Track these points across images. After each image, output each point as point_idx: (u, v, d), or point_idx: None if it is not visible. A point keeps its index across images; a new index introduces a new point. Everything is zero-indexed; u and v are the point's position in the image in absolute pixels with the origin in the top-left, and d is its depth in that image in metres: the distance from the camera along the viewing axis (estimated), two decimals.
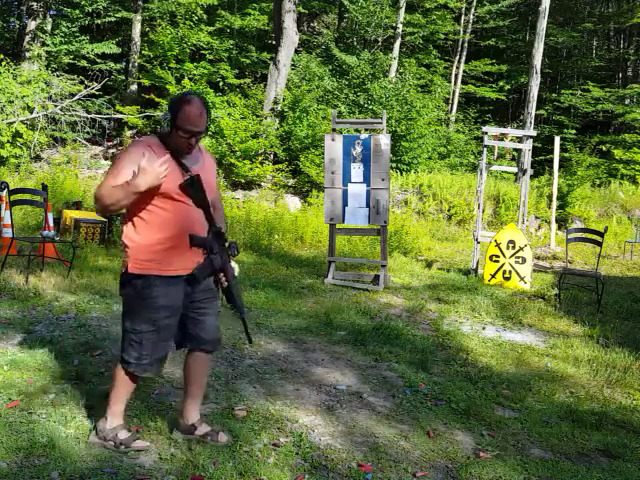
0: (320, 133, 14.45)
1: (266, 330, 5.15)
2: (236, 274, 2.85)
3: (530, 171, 8.86)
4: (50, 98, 14.39)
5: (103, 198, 2.62)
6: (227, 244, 2.83)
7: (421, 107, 16.35)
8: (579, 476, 3.03)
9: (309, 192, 14.40)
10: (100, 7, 17.15)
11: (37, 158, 15.07)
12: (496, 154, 9.08)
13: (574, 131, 21.48)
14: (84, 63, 17.27)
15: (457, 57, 22.22)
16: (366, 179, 7.28)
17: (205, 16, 17.63)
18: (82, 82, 15.15)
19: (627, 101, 22.36)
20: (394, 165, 15.45)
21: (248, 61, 19.13)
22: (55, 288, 5.80)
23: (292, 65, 17.13)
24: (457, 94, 21.93)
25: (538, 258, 10.78)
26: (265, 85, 16.66)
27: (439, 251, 11.03)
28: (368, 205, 7.28)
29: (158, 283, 2.74)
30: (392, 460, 3.04)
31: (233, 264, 2.85)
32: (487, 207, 13.97)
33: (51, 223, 7.19)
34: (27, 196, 7.70)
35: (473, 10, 21.92)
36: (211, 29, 17.70)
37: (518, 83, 23.05)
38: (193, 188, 2.69)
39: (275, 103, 16.19)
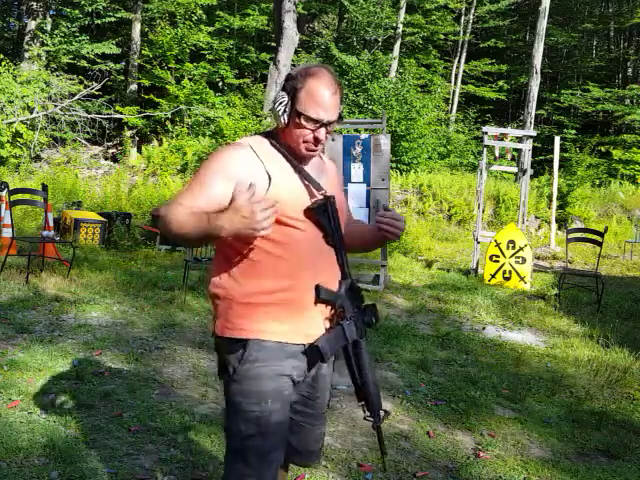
0: None
1: None
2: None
3: (530, 171, 8.86)
4: (50, 98, 14.39)
5: (171, 224, 1.69)
6: (363, 306, 1.85)
7: (421, 107, 16.35)
8: (579, 476, 3.03)
9: None
10: (100, 7, 17.14)
11: (37, 158, 15.07)
12: (496, 154, 9.07)
13: (574, 131, 21.48)
14: (84, 63, 17.27)
15: (457, 57, 22.23)
16: (366, 179, 7.28)
17: (205, 16, 17.64)
18: (82, 82, 15.15)
19: (627, 101, 22.36)
20: (394, 165, 15.44)
21: (248, 61, 19.14)
22: (55, 288, 5.80)
23: (292, 65, 17.13)
24: (457, 94, 21.94)
25: (538, 258, 10.77)
26: (265, 85, 16.66)
27: (439, 251, 11.02)
28: (368, 205, 7.28)
29: (263, 357, 1.76)
30: (392, 460, 3.04)
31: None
32: (487, 207, 13.97)
33: (51, 223, 7.19)
34: (27, 196, 7.70)
35: (473, 10, 21.93)
36: (210, 29, 17.71)
37: (518, 83, 23.05)
38: (326, 216, 1.79)
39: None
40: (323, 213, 1.78)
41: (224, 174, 1.73)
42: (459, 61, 22.14)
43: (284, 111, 1.77)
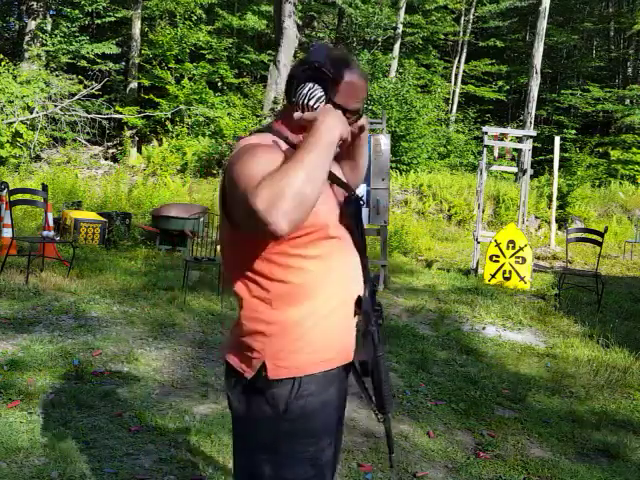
0: None
1: None
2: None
3: (530, 171, 8.86)
4: (50, 98, 14.39)
5: (279, 193, 1.30)
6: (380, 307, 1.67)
7: (421, 107, 16.36)
8: (579, 476, 3.03)
9: None
10: (100, 7, 17.15)
11: (37, 158, 15.07)
12: (496, 154, 9.07)
13: (574, 131, 21.50)
14: (84, 63, 17.28)
15: (457, 57, 22.24)
16: (366, 179, 7.27)
17: (204, 16, 17.65)
18: (82, 82, 15.15)
19: (627, 101, 22.36)
20: (393, 165, 15.45)
21: (247, 61, 19.15)
22: (55, 288, 5.80)
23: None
24: (457, 94, 21.94)
25: (538, 258, 10.77)
26: (264, 85, 16.67)
27: (439, 251, 11.02)
28: (368, 205, 7.27)
29: (313, 388, 1.53)
30: None
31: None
32: (487, 207, 13.97)
33: (51, 223, 7.19)
34: (27, 196, 7.70)
35: (473, 10, 21.94)
36: (210, 28, 17.71)
37: (518, 83, 23.06)
38: (356, 219, 1.63)
39: (275, 103, 16.20)
40: (354, 217, 1.61)
41: (265, 156, 1.45)
42: (459, 61, 22.15)
43: (319, 105, 1.52)
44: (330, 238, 1.55)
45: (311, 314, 1.52)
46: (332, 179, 1.60)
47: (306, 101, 1.52)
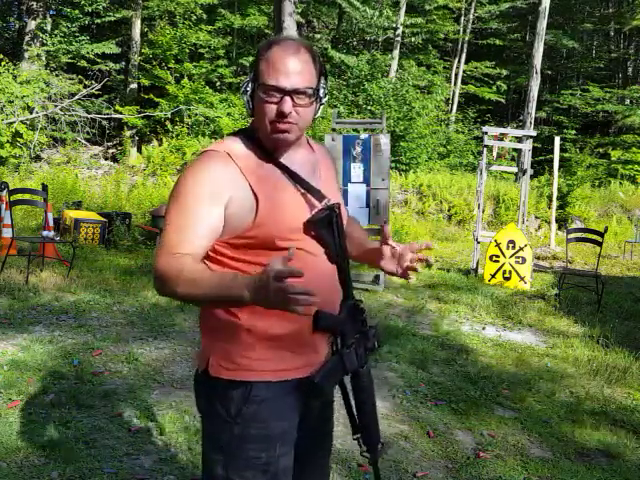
0: (319, 133, 14.45)
1: None
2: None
3: (530, 171, 8.85)
4: (50, 98, 14.39)
5: (175, 285, 1.37)
6: (367, 328, 1.54)
7: (421, 108, 16.36)
8: (579, 476, 3.03)
9: None
10: (100, 7, 17.15)
11: (37, 158, 15.07)
12: (495, 154, 9.07)
13: (574, 131, 21.50)
14: (84, 63, 17.29)
15: (457, 57, 22.24)
16: (366, 179, 7.28)
17: (205, 15, 17.64)
18: (82, 82, 15.16)
19: (627, 101, 22.36)
20: (392, 165, 15.46)
21: (247, 62, 19.15)
22: (55, 288, 5.80)
23: None
24: (457, 94, 21.94)
25: (538, 258, 10.77)
26: None
27: (439, 251, 11.02)
28: (368, 205, 7.28)
29: (265, 395, 1.50)
30: (392, 460, 3.04)
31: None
32: (487, 207, 13.97)
33: (51, 223, 7.19)
34: (27, 196, 7.70)
35: (473, 10, 21.94)
36: (210, 28, 17.71)
37: (517, 85, 23.07)
38: (330, 230, 1.47)
39: None
40: (327, 227, 1.46)
41: (211, 197, 1.42)
42: (459, 61, 22.15)
43: (249, 96, 1.48)
44: (279, 249, 1.42)
45: (261, 323, 1.47)
46: (300, 182, 1.52)
47: (242, 92, 1.51)
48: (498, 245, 7.83)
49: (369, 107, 16.11)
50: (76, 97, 14.50)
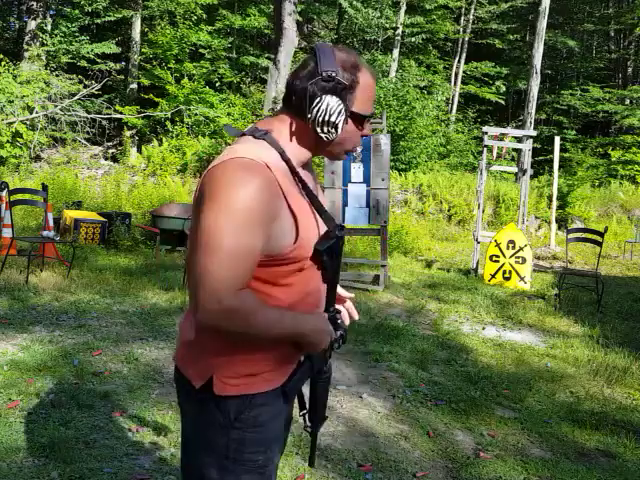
0: None
1: None
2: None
3: (530, 171, 8.86)
4: (50, 98, 14.39)
5: (241, 320, 1.33)
6: (339, 335, 1.59)
7: (421, 109, 16.36)
8: (579, 476, 3.03)
9: None
10: (100, 7, 17.15)
11: (37, 158, 15.07)
12: (494, 154, 9.08)
13: (574, 132, 21.49)
14: (84, 63, 17.28)
15: (457, 57, 22.24)
16: (366, 179, 7.28)
17: (205, 15, 17.65)
18: (82, 82, 15.16)
19: (627, 102, 22.36)
20: (392, 165, 15.46)
21: (247, 61, 19.16)
22: (55, 288, 5.80)
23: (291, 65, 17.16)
24: (457, 94, 21.95)
25: (538, 258, 10.77)
26: (264, 85, 16.68)
27: (439, 251, 11.02)
28: (368, 205, 7.28)
29: (265, 400, 1.50)
30: (392, 460, 3.04)
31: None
32: (487, 207, 13.97)
33: (51, 223, 7.19)
34: (27, 196, 7.70)
35: (472, 10, 21.95)
36: (210, 28, 17.72)
37: (517, 86, 23.07)
38: (332, 255, 1.49)
39: (275, 103, 16.20)
40: (330, 252, 1.46)
41: (268, 217, 1.32)
42: (459, 61, 22.16)
43: (343, 119, 1.41)
44: (303, 270, 1.44)
45: (267, 339, 1.44)
46: (315, 205, 1.47)
47: (327, 117, 1.39)
48: (498, 245, 7.83)
49: None
50: (76, 97, 14.50)
